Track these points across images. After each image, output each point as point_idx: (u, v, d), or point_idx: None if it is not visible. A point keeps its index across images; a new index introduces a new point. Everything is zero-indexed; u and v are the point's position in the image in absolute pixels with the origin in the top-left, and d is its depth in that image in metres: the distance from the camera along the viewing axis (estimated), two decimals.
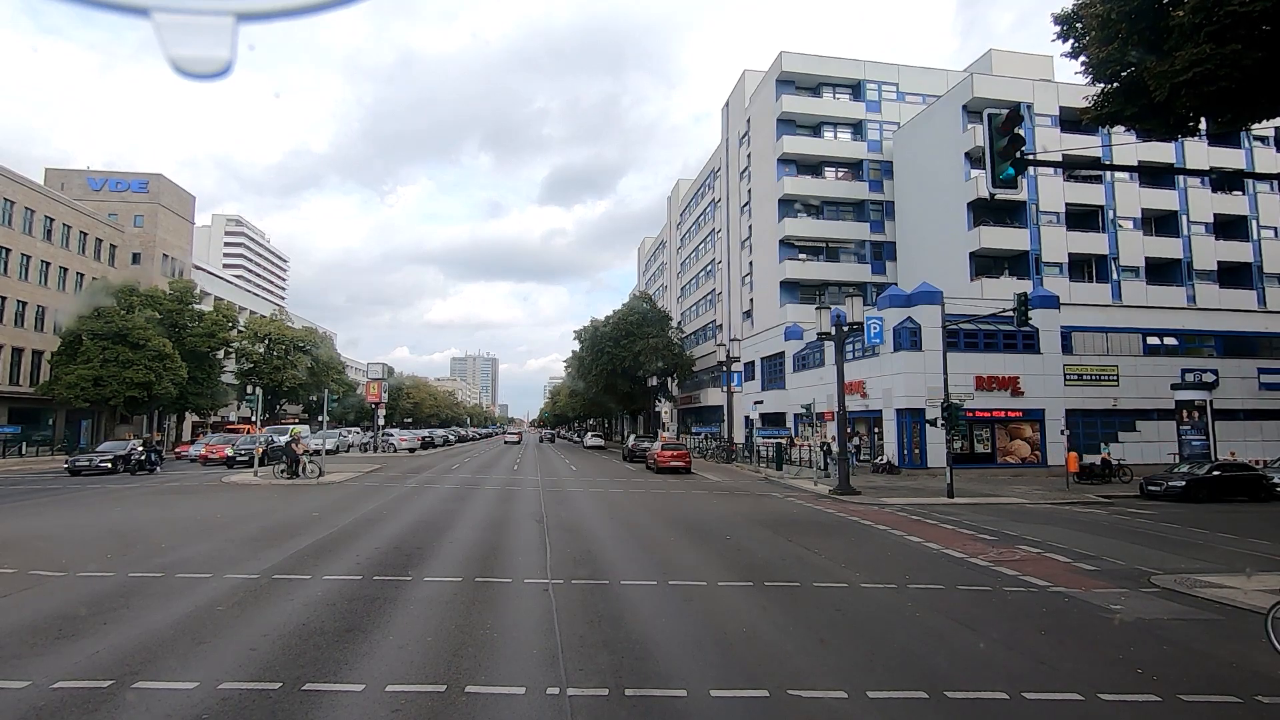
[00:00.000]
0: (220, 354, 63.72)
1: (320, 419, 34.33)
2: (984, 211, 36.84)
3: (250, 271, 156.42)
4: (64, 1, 1.23)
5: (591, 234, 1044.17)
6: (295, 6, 1.40)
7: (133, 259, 59.11)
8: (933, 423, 22.94)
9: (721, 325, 57.55)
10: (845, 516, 17.39)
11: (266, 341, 67.22)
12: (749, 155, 50.91)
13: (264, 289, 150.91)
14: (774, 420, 44.71)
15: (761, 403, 43.98)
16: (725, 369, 38.09)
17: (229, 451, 32.14)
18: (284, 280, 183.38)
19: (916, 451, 29.52)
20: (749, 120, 51.03)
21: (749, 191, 50.81)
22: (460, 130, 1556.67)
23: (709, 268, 62.05)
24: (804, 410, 26.55)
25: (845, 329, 22.99)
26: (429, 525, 14.84)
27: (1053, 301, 30.99)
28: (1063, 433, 24.86)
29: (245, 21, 1.34)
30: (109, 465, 26.36)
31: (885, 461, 29.87)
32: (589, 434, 69.57)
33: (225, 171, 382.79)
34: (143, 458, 28.27)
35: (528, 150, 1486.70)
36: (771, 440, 32.19)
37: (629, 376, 60.20)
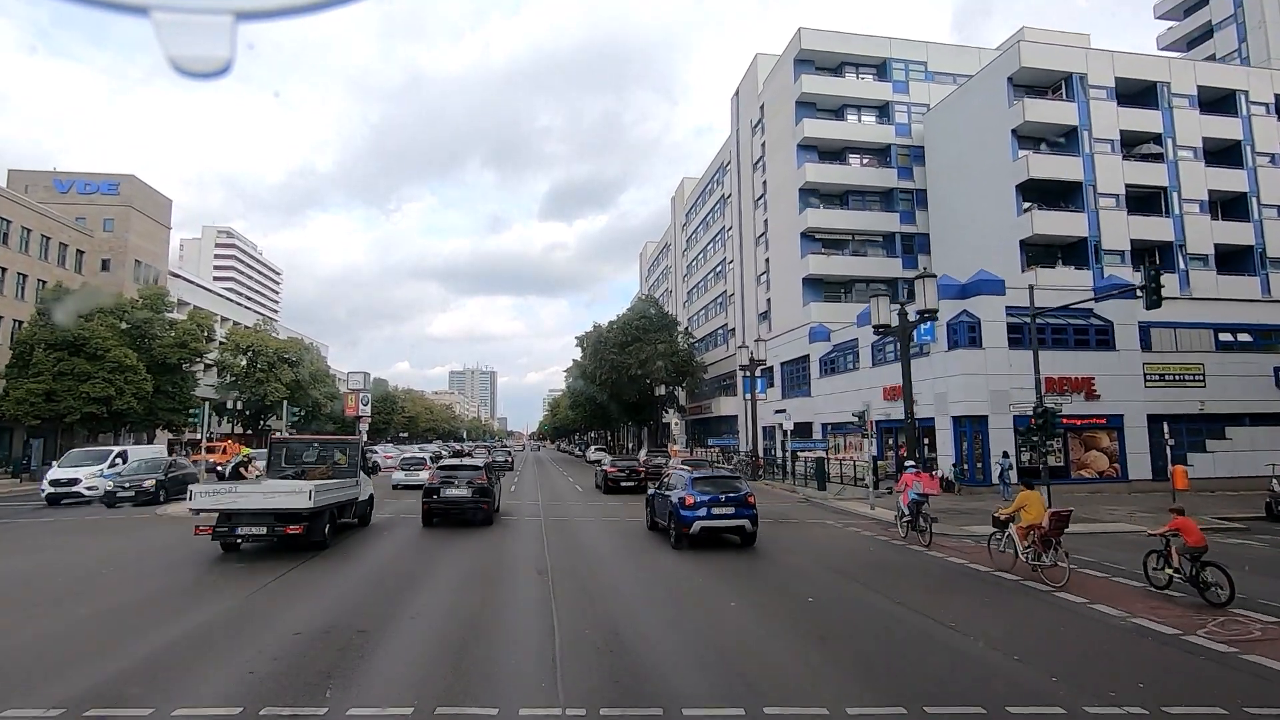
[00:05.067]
0: (198, 366, 59.72)
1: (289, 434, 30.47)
2: (1035, 194, 32.96)
3: (242, 284, 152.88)
4: (66, 0, 1.23)
5: (592, 247, 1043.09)
6: (293, 6, 1.37)
7: (102, 265, 55.12)
8: (1026, 433, 18.83)
9: (734, 329, 53.58)
10: (941, 557, 13.28)
11: (249, 354, 63.34)
12: (763, 144, 47.12)
13: (256, 302, 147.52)
14: (796, 432, 40.61)
15: (784, 412, 39.82)
16: (749, 374, 33.99)
17: None
18: (277, 293, 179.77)
19: (979, 465, 25.42)
20: (762, 106, 47.28)
21: (764, 183, 46.99)
22: (464, 147, 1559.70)
23: (719, 268, 58.15)
24: (855, 418, 22.48)
25: (916, 319, 18.90)
26: (389, 581, 10.76)
27: (1130, 290, 26.94)
28: (1167, 441, 20.89)
29: (244, 20, 1.33)
30: None
31: (940, 477, 25.76)
32: (592, 448, 65.27)
33: (231, 191, 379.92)
34: None
35: (530, 166, 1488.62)
36: (808, 454, 27.98)
37: (635, 385, 56.16)
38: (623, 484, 26.68)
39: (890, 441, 30.69)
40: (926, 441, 28.23)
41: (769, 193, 45.99)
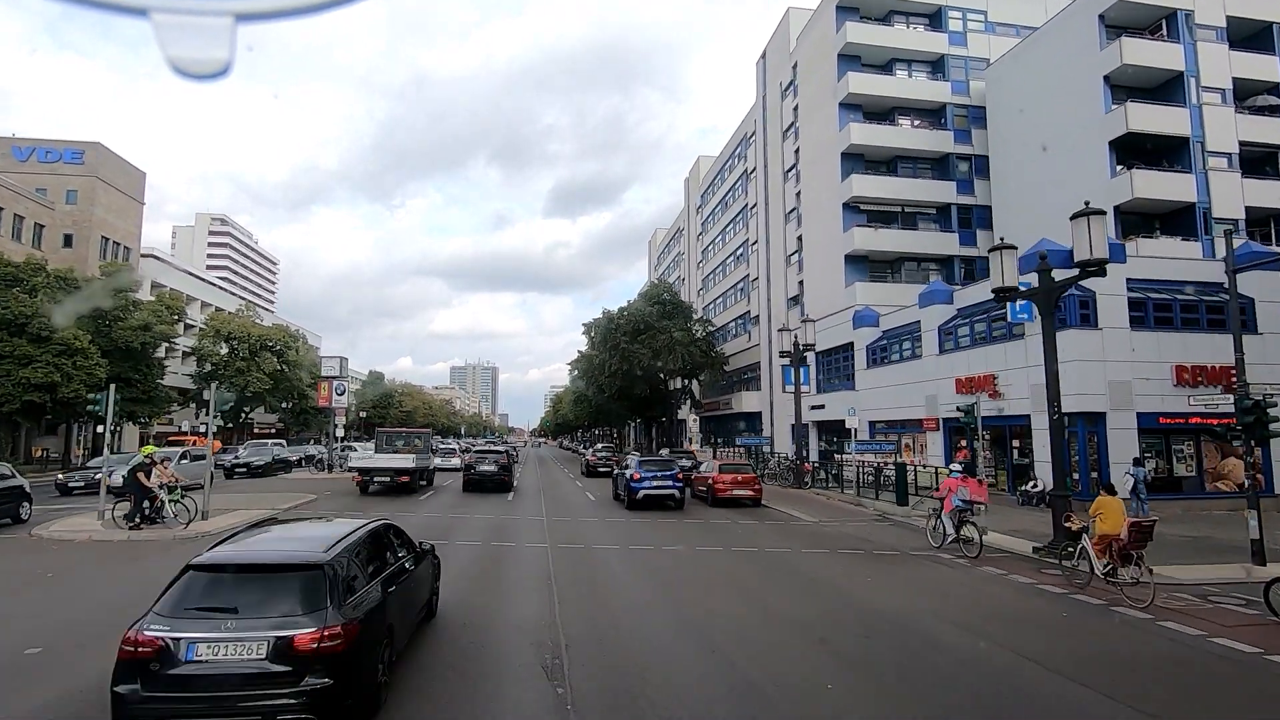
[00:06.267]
0: (164, 351, 54.95)
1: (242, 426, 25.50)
2: (1130, 153, 27.90)
3: (236, 274, 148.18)
4: (62, 1, 1.20)
5: (595, 245, 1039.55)
6: (293, 7, 1.36)
7: (64, 241, 50.25)
8: (1221, 435, 13.78)
9: (758, 316, 48.53)
10: (1182, 630, 8.28)
11: (231, 341, 58.72)
12: (795, 108, 42.02)
13: (252, 291, 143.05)
14: (835, 430, 35.66)
15: (823, 408, 34.88)
16: (793, 362, 28.76)
17: None
18: (273, 283, 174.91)
19: (1094, 475, 20.37)
20: (795, 66, 42.16)
21: (795, 152, 41.91)
22: (469, 145, 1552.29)
23: (740, 251, 53.05)
24: (961, 412, 17.36)
25: (1078, 274, 13.85)
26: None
27: (1274, 260, 21.92)
28: None
29: (244, 22, 1.32)
30: None
31: (1039, 489, 20.76)
32: (598, 445, 59.82)
33: (236, 186, 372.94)
34: None
35: (535, 164, 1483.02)
36: (875, 457, 22.74)
37: (646, 378, 51.12)
38: (599, 469, 35.38)
39: (964, 443, 25.68)
40: (1016, 444, 23.23)
41: (802, 162, 40.91)
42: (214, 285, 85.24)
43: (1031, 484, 21.12)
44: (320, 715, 4.65)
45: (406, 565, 6.87)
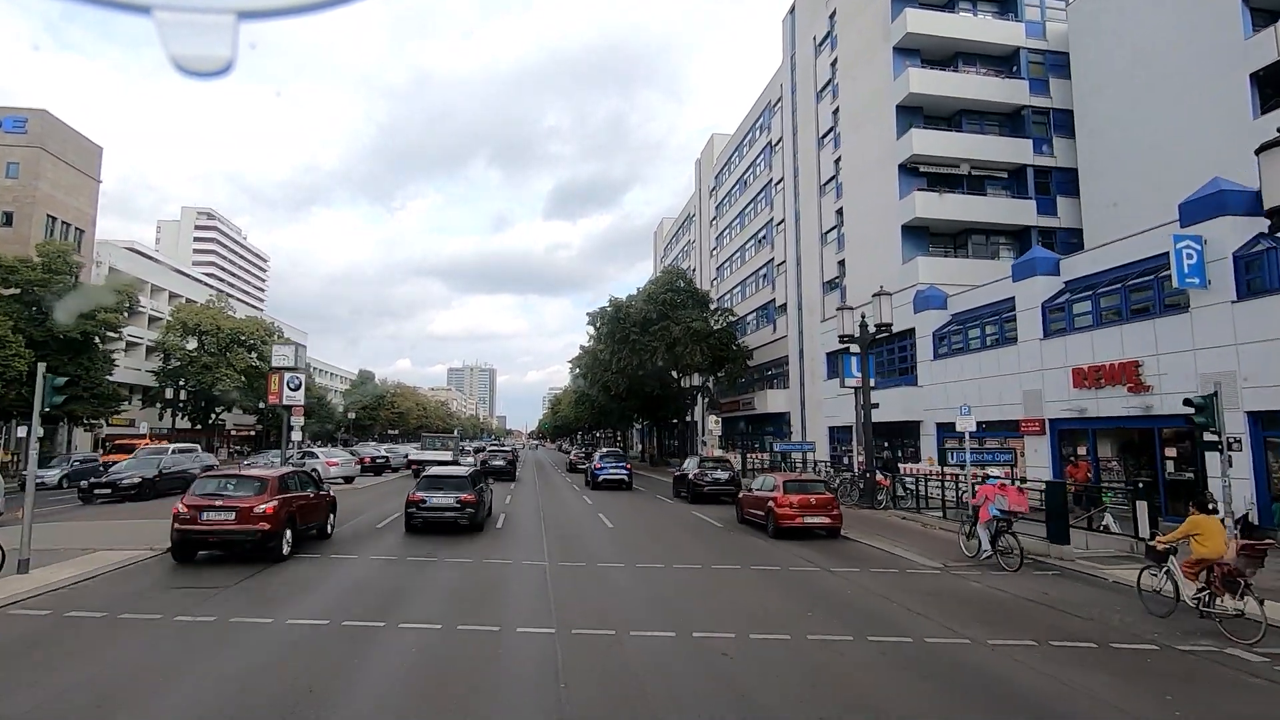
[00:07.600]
0: (125, 345, 49.47)
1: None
2: (1275, 90, 22.42)
3: (224, 270, 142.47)
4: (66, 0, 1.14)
5: (595, 247, 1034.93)
6: (295, 5, 1.33)
7: (4, 219, 44.69)
8: None
9: (785, 305, 42.96)
10: None
11: (201, 335, 53.31)
12: (834, 62, 36.51)
13: (240, 289, 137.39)
14: (888, 432, 30.12)
15: (876, 406, 29.26)
16: (860, 349, 23.04)
17: None
18: (263, 281, 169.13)
19: None
20: (833, 14, 36.65)
21: (834, 113, 36.37)
22: (470, 146, 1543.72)
23: (764, 233, 47.45)
24: (1193, 409, 11.73)
25: None
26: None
27: None
28: None
29: (246, 20, 1.31)
30: None
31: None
32: (602, 449, 54.07)
33: (236, 186, 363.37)
34: None
35: (535, 165, 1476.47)
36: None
37: (657, 375, 45.61)
38: (579, 466, 41.18)
39: (1082, 451, 20.13)
40: (1172, 455, 17.60)
41: (843, 123, 35.37)
42: (194, 279, 79.69)
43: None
44: (470, 521, 15.41)
45: (483, 488, 16.97)
